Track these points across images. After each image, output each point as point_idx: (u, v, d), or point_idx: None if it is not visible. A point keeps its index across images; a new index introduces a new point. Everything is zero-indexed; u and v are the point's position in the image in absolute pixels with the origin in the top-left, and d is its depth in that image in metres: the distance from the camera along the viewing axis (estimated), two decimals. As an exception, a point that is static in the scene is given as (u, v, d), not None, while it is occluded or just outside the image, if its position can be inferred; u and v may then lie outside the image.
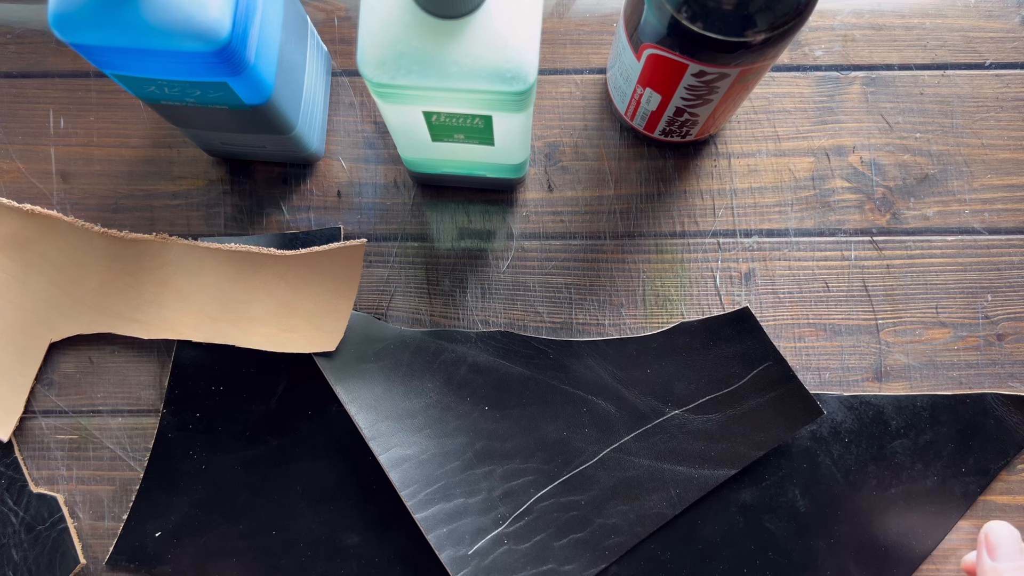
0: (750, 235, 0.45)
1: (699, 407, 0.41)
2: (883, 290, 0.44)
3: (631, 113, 0.43)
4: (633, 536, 0.40)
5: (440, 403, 0.41)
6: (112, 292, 0.43)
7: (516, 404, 0.41)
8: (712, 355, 0.42)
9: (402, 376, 0.41)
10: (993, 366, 0.44)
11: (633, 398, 0.41)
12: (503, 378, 0.41)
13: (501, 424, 0.41)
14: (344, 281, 0.42)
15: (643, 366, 0.42)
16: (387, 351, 0.41)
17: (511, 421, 0.41)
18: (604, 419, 0.41)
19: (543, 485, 0.41)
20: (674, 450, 0.41)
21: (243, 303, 0.43)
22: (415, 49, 0.30)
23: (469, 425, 0.41)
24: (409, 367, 0.41)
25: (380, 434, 0.40)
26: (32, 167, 0.45)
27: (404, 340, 0.42)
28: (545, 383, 0.42)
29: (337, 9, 0.46)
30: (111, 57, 0.32)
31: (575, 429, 0.41)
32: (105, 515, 0.43)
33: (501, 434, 0.41)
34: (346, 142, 0.45)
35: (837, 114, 0.45)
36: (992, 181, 0.45)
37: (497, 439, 0.41)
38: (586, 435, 0.41)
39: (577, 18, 0.46)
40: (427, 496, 0.40)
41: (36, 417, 0.43)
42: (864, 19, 0.46)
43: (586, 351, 0.42)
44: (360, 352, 0.41)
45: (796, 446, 0.42)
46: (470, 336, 0.42)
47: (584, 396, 0.41)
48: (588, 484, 0.41)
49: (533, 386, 0.42)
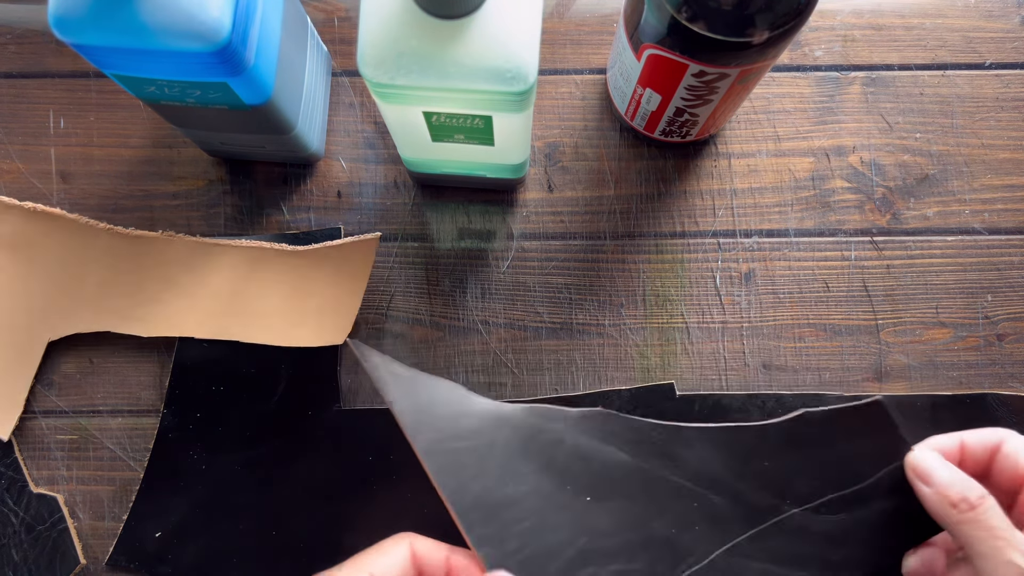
0: (750, 235, 0.45)
1: (822, 506, 0.37)
2: (883, 290, 0.44)
3: (631, 113, 0.43)
4: None
5: (540, 491, 0.37)
6: (113, 290, 0.43)
7: (621, 495, 0.37)
8: (838, 449, 0.38)
9: (499, 458, 0.37)
10: (993, 366, 0.44)
11: (749, 493, 0.37)
12: (605, 465, 0.38)
13: (604, 518, 0.37)
14: (353, 276, 0.42)
15: (760, 458, 0.38)
16: (484, 429, 0.37)
17: (615, 515, 0.37)
18: (717, 515, 0.37)
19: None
20: (793, 553, 0.37)
21: (250, 299, 0.43)
22: (415, 49, 0.30)
23: (571, 519, 0.37)
24: (506, 448, 0.37)
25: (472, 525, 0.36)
26: (32, 167, 0.45)
27: (502, 417, 0.37)
28: (652, 473, 0.38)
29: (337, 9, 0.46)
30: (111, 57, 0.32)
31: (684, 525, 0.37)
32: (105, 515, 0.43)
33: (605, 530, 0.37)
34: (346, 142, 0.45)
35: (837, 114, 0.45)
36: (992, 181, 0.45)
37: (601, 536, 0.37)
38: (696, 533, 0.37)
39: (577, 18, 0.46)
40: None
41: (36, 417, 0.43)
42: (864, 19, 0.46)
43: (695, 437, 0.38)
44: (452, 428, 0.37)
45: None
46: (569, 416, 0.38)
47: (694, 489, 0.38)
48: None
49: (638, 476, 0.38)
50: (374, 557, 0.34)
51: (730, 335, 0.44)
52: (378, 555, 0.34)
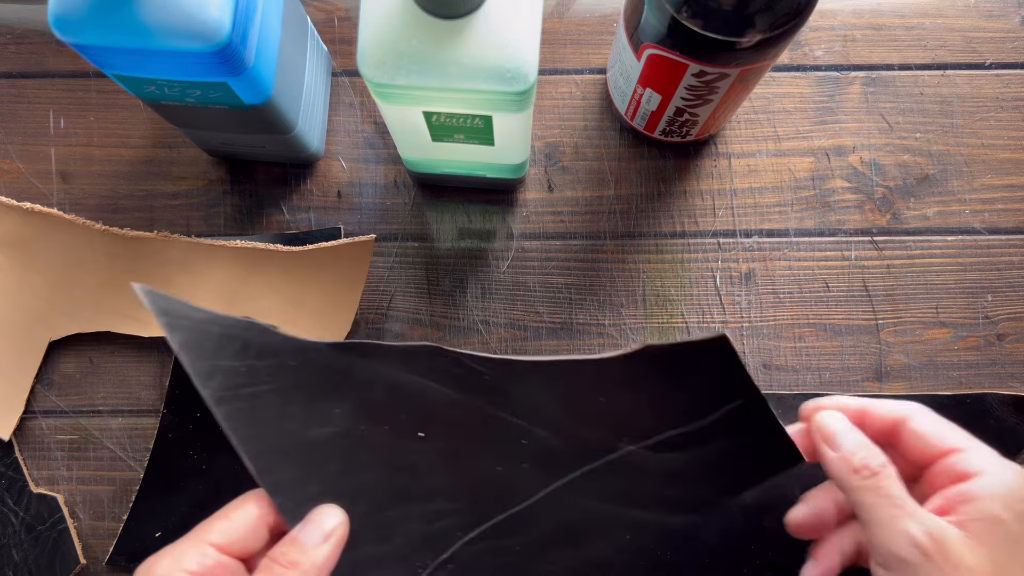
0: (750, 235, 0.45)
1: (659, 444, 0.35)
2: (883, 290, 0.44)
3: (631, 113, 0.43)
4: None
5: (350, 432, 0.34)
6: (112, 290, 0.43)
7: (443, 434, 0.34)
8: (678, 386, 0.35)
9: (303, 400, 0.33)
10: (993, 366, 0.44)
11: (583, 430, 0.35)
12: (428, 402, 0.34)
13: (423, 457, 0.34)
14: (351, 277, 0.43)
15: (596, 392, 0.35)
16: (285, 368, 0.33)
17: (436, 453, 0.34)
18: (547, 453, 0.35)
19: (471, 527, 0.35)
20: (628, 491, 0.35)
21: (249, 299, 0.43)
22: (415, 49, 0.30)
23: (384, 459, 0.34)
24: (312, 388, 0.33)
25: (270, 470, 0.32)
26: (32, 167, 0.45)
27: (306, 355, 0.33)
28: (479, 409, 0.34)
29: (337, 9, 0.46)
30: (111, 57, 0.32)
31: (512, 464, 0.35)
32: (105, 515, 0.43)
33: (423, 468, 0.34)
34: (346, 142, 0.45)
35: (837, 114, 0.45)
36: (992, 181, 0.45)
37: (418, 474, 0.34)
38: (525, 471, 0.35)
39: (577, 18, 0.46)
40: None
41: (36, 417, 0.43)
42: (864, 19, 0.46)
43: (530, 372, 0.35)
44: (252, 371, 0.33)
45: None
46: (391, 350, 0.34)
47: (525, 426, 0.35)
48: (524, 527, 0.35)
49: (465, 412, 0.34)
50: (214, 523, 0.31)
51: (730, 335, 0.44)
52: (219, 520, 0.31)
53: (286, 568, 0.30)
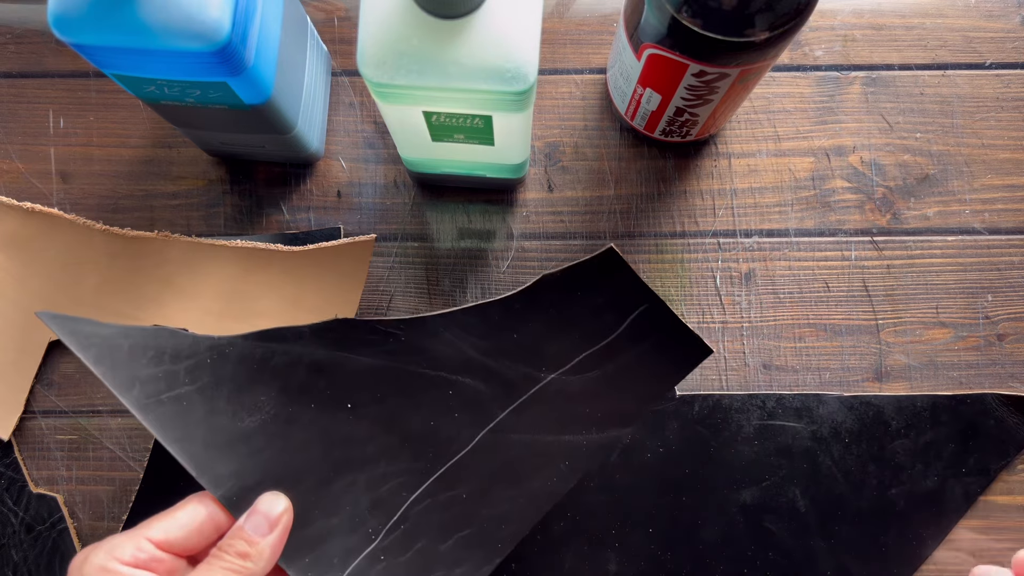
0: (750, 235, 0.45)
1: (576, 366, 0.37)
2: (883, 290, 0.44)
3: (631, 113, 0.43)
4: (527, 521, 0.36)
5: (279, 416, 0.35)
6: (112, 290, 0.43)
7: (371, 400, 0.36)
8: (581, 306, 0.37)
9: (227, 394, 0.35)
10: (993, 366, 0.44)
11: (503, 369, 0.36)
12: (351, 373, 0.36)
13: (357, 426, 0.35)
14: (351, 276, 0.43)
15: (508, 331, 0.37)
16: (202, 367, 0.34)
17: (368, 420, 0.36)
18: (474, 399, 0.36)
19: (416, 486, 0.36)
20: (556, 420, 0.37)
21: (248, 299, 0.43)
22: (415, 49, 0.30)
23: (318, 434, 0.35)
24: (234, 381, 0.35)
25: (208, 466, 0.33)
26: (32, 167, 0.45)
27: (221, 350, 0.35)
28: (401, 370, 0.36)
29: (337, 9, 0.46)
30: (111, 57, 0.32)
31: (443, 416, 0.36)
32: (105, 515, 0.43)
33: (358, 437, 0.35)
34: (346, 142, 0.45)
35: (837, 114, 0.45)
36: (992, 181, 0.45)
37: (355, 444, 0.35)
38: (456, 420, 0.36)
39: (577, 18, 0.46)
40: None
41: (36, 417, 0.43)
42: (864, 19, 0.46)
43: (442, 325, 0.37)
44: (170, 375, 0.34)
45: (796, 446, 0.42)
46: (302, 331, 0.36)
47: (447, 377, 0.36)
48: (467, 475, 0.36)
49: (387, 376, 0.36)
50: (156, 520, 0.32)
51: (730, 335, 0.44)
52: (162, 518, 0.32)
53: (235, 559, 0.31)
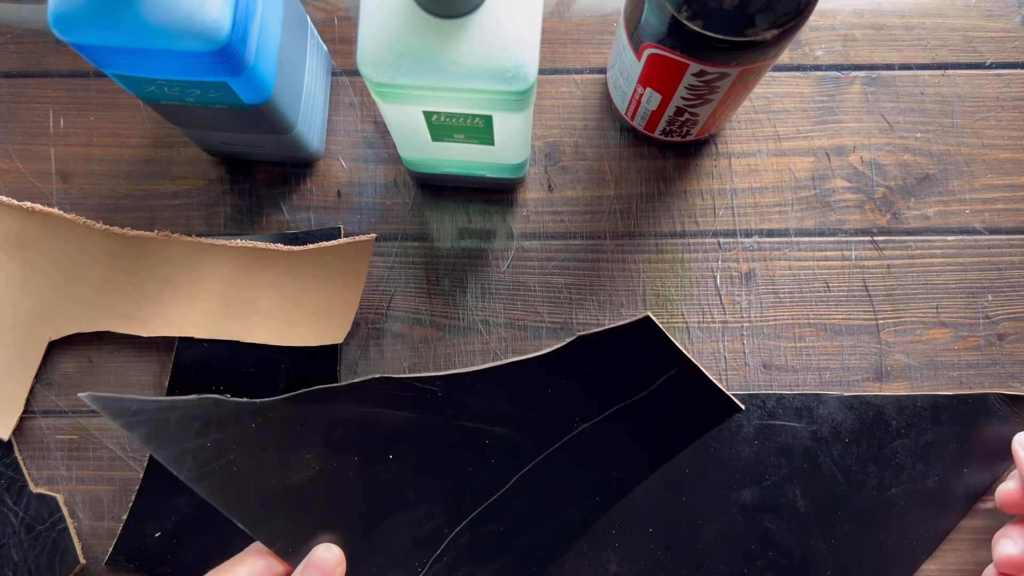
0: (750, 235, 0.45)
1: (606, 419, 0.38)
2: (883, 290, 0.44)
3: (631, 113, 0.43)
4: (560, 547, 0.39)
5: (324, 471, 0.37)
6: (112, 290, 0.43)
7: (410, 451, 0.38)
8: (613, 368, 0.38)
9: (274, 455, 0.37)
10: (994, 366, 0.44)
11: (536, 420, 0.38)
12: (390, 428, 0.38)
13: (399, 476, 0.38)
14: (351, 276, 0.43)
15: (541, 386, 0.38)
16: (248, 432, 0.36)
17: (409, 471, 0.38)
18: (509, 446, 0.38)
19: (456, 523, 0.38)
20: (585, 461, 0.39)
21: (249, 299, 0.43)
22: (415, 49, 0.30)
23: (362, 486, 0.37)
24: (279, 443, 0.37)
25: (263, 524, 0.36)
26: (32, 167, 0.45)
27: (264, 414, 0.37)
28: (438, 423, 0.38)
29: (337, 9, 0.46)
30: (111, 57, 0.32)
31: (479, 462, 0.38)
32: (105, 515, 0.43)
33: (400, 486, 0.38)
34: (346, 142, 0.45)
35: (837, 114, 0.45)
36: (992, 181, 0.45)
37: (397, 492, 0.38)
38: (492, 466, 0.38)
39: (577, 18, 0.46)
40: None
41: (36, 417, 0.43)
42: (864, 19, 0.46)
43: (476, 381, 0.38)
44: (218, 444, 0.36)
45: (796, 446, 0.42)
46: (340, 391, 0.37)
47: (483, 428, 0.38)
48: (503, 513, 0.38)
49: (426, 428, 0.38)
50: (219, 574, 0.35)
51: (730, 335, 0.44)
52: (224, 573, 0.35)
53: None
